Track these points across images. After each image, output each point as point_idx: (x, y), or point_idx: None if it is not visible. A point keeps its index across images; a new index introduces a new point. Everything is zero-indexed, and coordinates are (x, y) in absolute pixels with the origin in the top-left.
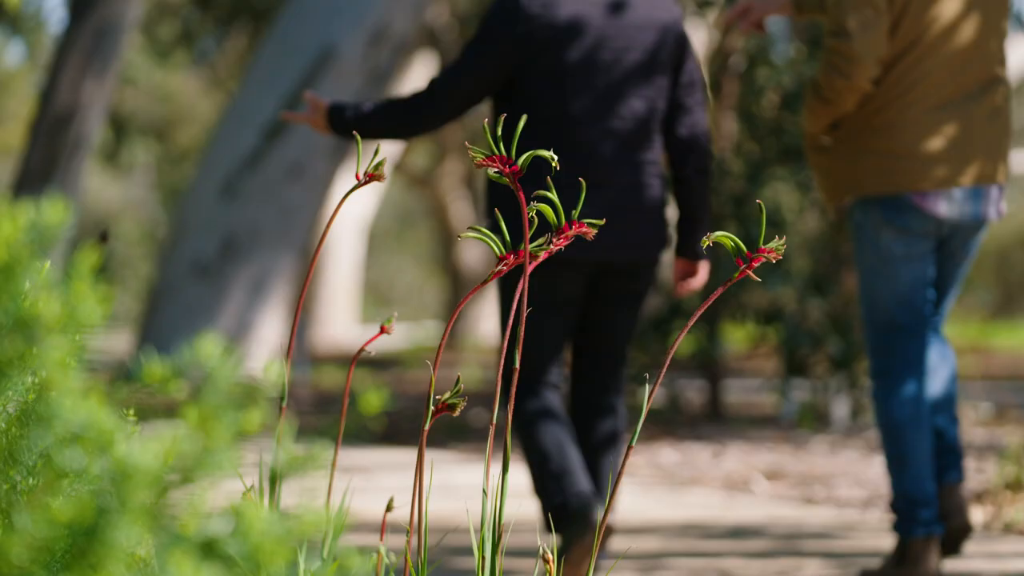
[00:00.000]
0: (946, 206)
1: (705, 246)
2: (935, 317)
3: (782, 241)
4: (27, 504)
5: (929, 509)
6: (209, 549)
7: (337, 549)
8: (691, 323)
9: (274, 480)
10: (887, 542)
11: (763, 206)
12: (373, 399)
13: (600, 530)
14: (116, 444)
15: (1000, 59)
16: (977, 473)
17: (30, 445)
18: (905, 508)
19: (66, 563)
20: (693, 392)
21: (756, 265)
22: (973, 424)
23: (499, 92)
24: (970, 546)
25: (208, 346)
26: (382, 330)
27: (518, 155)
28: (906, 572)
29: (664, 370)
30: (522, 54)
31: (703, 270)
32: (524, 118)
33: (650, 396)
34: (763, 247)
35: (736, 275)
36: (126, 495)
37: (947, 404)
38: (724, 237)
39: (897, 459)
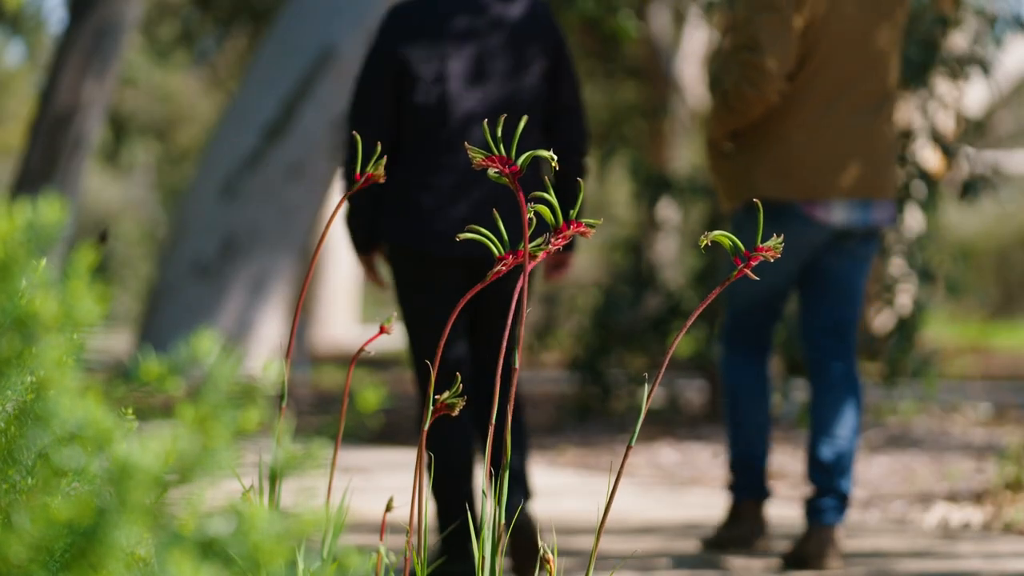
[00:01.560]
0: (835, 213)
1: (703, 245)
2: (841, 344)
3: (779, 240)
4: (26, 503)
5: (755, 474)
6: (208, 548)
7: (336, 549)
8: (688, 323)
9: (273, 479)
10: (887, 542)
11: (759, 204)
12: (371, 397)
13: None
14: (115, 443)
15: (892, 77)
16: (977, 473)
17: (28, 444)
18: (741, 472)
19: (65, 562)
20: (693, 392)
21: (754, 264)
22: (973, 424)
23: None
24: (969, 546)
25: (205, 343)
26: (382, 330)
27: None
28: (736, 530)
29: (662, 370)
30: (403, 67)
31: (571, 260)
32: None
33: (649, 396)
34: (761, 246)
35: (734, 274)
36: (125, 494)
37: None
38: (722, 236)
39: (734, 425)
